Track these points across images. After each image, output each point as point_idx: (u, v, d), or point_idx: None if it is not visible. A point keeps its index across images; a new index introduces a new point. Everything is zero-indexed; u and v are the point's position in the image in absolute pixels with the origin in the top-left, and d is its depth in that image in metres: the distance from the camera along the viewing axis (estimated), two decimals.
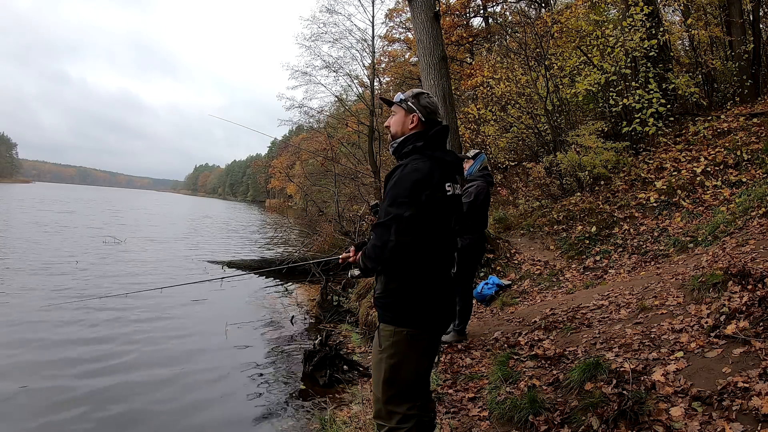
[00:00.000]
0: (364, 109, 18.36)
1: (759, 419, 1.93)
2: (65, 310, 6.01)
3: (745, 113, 7.66)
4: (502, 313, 4.75)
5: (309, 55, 25.74)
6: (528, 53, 9.59)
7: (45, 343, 4.83)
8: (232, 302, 7.16)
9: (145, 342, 5.11)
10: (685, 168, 6.90)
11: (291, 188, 35.85)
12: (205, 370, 4.44)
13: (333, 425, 2.88)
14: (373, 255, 1.71)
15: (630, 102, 7.84)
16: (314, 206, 19.66)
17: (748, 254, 3.83)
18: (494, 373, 3.04)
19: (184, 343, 5.20)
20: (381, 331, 1.78)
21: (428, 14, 5.85)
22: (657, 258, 5.44)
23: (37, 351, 4.63)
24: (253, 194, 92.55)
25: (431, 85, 5.80)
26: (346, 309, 6.33)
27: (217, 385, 4.10)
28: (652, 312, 3.43)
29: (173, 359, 4.69)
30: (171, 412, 3.61)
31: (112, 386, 3.97)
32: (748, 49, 8.46)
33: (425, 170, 1.69)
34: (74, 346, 4.82)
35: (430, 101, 1.84)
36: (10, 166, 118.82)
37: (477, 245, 3.85)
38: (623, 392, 2.30)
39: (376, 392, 1.80)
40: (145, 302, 6.77)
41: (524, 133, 10.19)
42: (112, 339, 5.11)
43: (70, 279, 7.79)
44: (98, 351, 4.73)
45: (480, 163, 3.91)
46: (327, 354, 4.16)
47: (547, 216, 7.47)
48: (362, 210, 10.01)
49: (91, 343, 4.93)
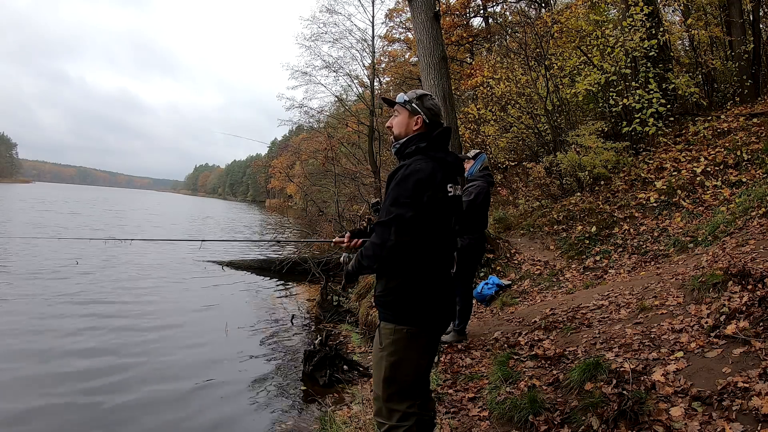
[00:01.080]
0: (364, 109, 18.35)
1: (759, 419, 1.93)
2: (65, 306, 6.02)
3: (745, 113, 7.66)
4: (502, 313, 4.75)
5: (309, 55, 25.71)
6: (528, 53, 9.59)
7: (44, 345, 4.84)
8: (233, 302, 7.16)
9: (143, 341, 5.12)
10: (685, 168, 6.90)
11: (291, 188, 35.83)
12: (204, 370, 4.44)
13: (333, 425, 2.88)
14: (372, 253, 1.72)
15: (630, 102, 7.83)
16: (314, 206, 19.67)
17: (748, 254, 3.83)
18: (494, 373, 3.04)
19: (183, 342, 5.20)
20: (381, 329, 1.79)
21: (428, 14, 5.85)
22: (657, 258, 5.44)
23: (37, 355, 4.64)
24: (253, 194, 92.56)
25: (431, 85, 5.80)
26: (346, 309, 6.33)
27: (217, 385, 4.10)
28: (652, 312, 3.43)
29: (172, 359, 4.69)
30: (170, 411, 3.61)
31: (111, 384, 3.97)
32: (748, 49, 8.46)
33: (428, 171, 1.71)
34: (73, 343, 4.83)
35: (433, 103, 1.87)
36: (10, 166, 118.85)
37: (477, 245, 3.85)
38: (623, 392, 2.30)
39: (376, 390, 1.81)
40: (145, 301, 6.80)
41: (524, 133, 10.19)
42: (110, 336, 5.13)
43: (72, 283, 7.78)
44: (98, 350, 4.74)
45: (480, 163, 3.91)
46: (327, 354, 4.17)
47: (547, 216, 7.47)
48: (362, 210, 10.02)
49: (91, 343, 4.93)
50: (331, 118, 20.96)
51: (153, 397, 3.82)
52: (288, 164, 32.05)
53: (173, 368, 4.45)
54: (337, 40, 17.25)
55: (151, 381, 4.13)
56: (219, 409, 3.66)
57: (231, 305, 6.95)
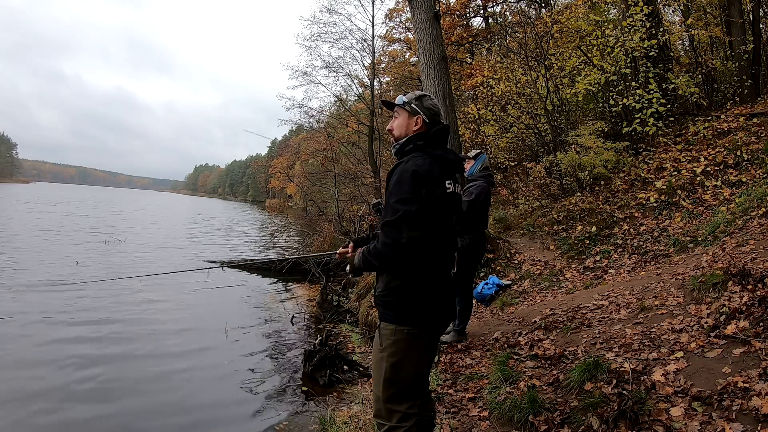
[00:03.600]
0: (364, 109, 18.34)
1: (759, 419, 1.93)
2: (63, 306, 6.02)
3: (745, 113, 7.65)
4: (502, 313, 4.75)
5: (309, 55, 25.72)
6: (528, 53, 9.59)
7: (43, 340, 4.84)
8: (233, 302, 7.16)
9: (143, 339, 5.12)
10: (685, 168, 6.90)
11: (291, 188, 35.79)
12: (205, 369, 4.44)
13: (333, 425, 2.88)
14: (386, 252, 1.69)
15: (630, 102, 7.83)
16: (314, 206, 19.65)
17: (748, 254, 3.83)
18: (494, 373, 3.04)
19: (183, 342, 5.20)
20: (382, 330, 1.78)
21: (428, 14, 5.85)
22: (657, 258, 5.44)
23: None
24: (253, 194, 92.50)
25: (431, 85, 5.80)
26: (346, 309, 6.33)
27: (217, 385, 4.10)
28: (652, 312, 3.43)
29: (172, 358, 4.69)
30: (170, 411, 3.61)
31: (111, 385, 3.97)
32: (748, 49, 8.46)
33: (425, 166, 1.71)
34: (72, 341, 4.83)
35: (432, 103, 1.87)
36: (10, 166, 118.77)
37: (477, 245, 3.84)
38: (623, 392, 2.30)
39: (376, 391, 1.81)
40: (144, 300, 6.79)
41: (524, 133, 10.19)
42: (110, 337, 5.12)
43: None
44: (97, 349, 4.74)
45: (481, 163, 3.91)
46: (327, 354, 4.17)
47: (547, 216, 7.47)
48: (362, 210, 10.02)
49: (90, 342, 4.93)
50: (331, 118, 20.96)
51: (151, 397, 3.82)
52: (288, 164, 32.03)
53: (172, 368, 4.45)
54: (337, 40, 17.25)
55: (149, 381, 4.12)
56: (219, 409, 3.66)
57: (231, 305, 6.94)
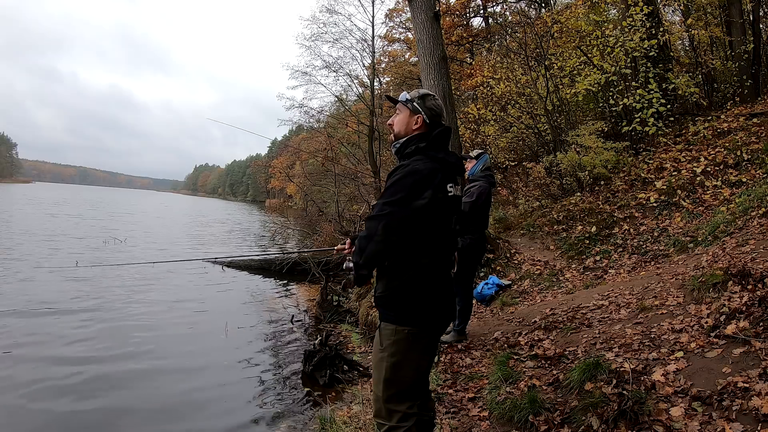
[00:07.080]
0: (364, 109, 18.35)
1: (759, 419, 1.93)
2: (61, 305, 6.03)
3: (745, 113, 7.65)
4: (502, 313, 4.75)
5: (309, 55, 25.67)
6: (528, 53, 9.59)
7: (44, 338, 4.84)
8: (233, 302, 7.16)
9: (143, 341, 5.11)
10: (685, 168, 6.90)
11: (291, 188, 35.81)
12: (205, 369, 4.44)
13: (333, 425, 2.88)
14: (357, 247, 1.72)
15: (630, 102, 7.84)
16: (314, 206, 19.63)
17: (748, 254, 3.83)
18: (494, 373, 3.04)
19: (183, 342, 5.21)
20: (382, 330, 1.78)
21: (428, 14, 5.85)
22: (657, 258, 5.44)
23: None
24: (253, 194, 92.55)
25: (431, 85, 5.79)
26: (346, 309, 6.32)
27: (217, 385, 4.10)
28: (652, 312, 3.43)
29: (173, 358, 4.69)
30: (170, 412, 3.61)
31: (110, 385, 3.97)
32: (748, 49, 8.46)
33: (427, 171, 1.70)
34: (66, 342, 4.84)
35: (435, 104, 1.84)
36: (10, 166, 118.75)
37: (477, 245, 3.85)
38: (623, 392, 2.30)
39: (376, 391, 1.81)
40: (144, 299, 6.79)
41: (524, 133, 10.20)
42: (111, 338, 5.11)
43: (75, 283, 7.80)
44: (97, 348, 4.75)
45: (483, 163, 3.91)
46: (327, 354, 4.17)
47: (547, 216, 7.47)
48: (362, 210, 10.02)
49: (89, 342, 4.93)
50: (331, 118, 20.96)
51: (151, 397, 3.82)
52: (288, 164, 32.05)
53: (172, 368, 4.45)
54: (337, 40, 17.27)
55: (149, 381, 4.12)
56: (218, 409, 3.66)
57: (231, 305, 6.94)
